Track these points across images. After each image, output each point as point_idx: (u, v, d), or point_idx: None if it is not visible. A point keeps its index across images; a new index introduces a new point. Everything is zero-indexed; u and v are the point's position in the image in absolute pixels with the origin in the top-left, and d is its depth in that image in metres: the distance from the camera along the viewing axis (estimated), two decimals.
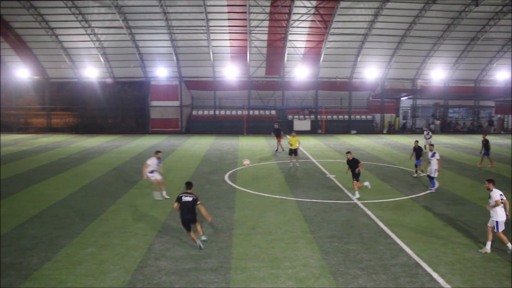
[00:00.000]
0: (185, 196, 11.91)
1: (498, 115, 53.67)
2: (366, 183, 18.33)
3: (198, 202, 11.91)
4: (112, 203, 16.73)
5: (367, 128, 49.10)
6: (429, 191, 18.78)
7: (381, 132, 49.22)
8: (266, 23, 42.03)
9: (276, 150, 32.06)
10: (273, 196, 17.99)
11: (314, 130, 48.12)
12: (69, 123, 48.67)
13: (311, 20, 41.79)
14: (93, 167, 25.06)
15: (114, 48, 44.77)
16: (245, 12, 40.30)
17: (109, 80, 47.15)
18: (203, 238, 12.15)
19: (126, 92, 47.68)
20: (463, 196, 18.13)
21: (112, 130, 47.44)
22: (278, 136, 31.97)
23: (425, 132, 33.01)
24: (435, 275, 10.23)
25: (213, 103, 48.92)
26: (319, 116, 49.07)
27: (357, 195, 17.75)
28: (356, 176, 17.80)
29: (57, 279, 9.97)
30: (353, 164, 17.90)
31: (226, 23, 41.82)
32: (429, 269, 10.53)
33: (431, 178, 19.04)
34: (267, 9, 40.17)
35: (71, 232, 13.19)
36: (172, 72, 46.78)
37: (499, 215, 11.60)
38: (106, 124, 48.06)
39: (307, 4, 39.51)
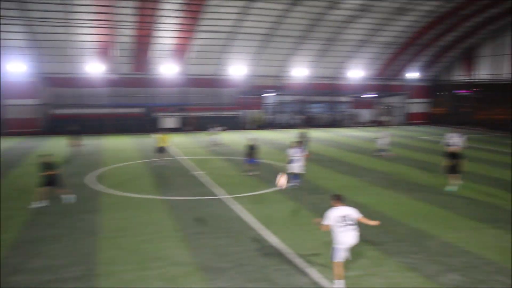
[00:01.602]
0: None
1: (354, 110, 58.36)
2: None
3: None
4: None
5: (235, 124, 50.15)
6: (292, 184, 19.53)
7: (248, 128, 50.59)
8: (133, 18, 40.69)
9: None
10: (140, 196, 17.54)
11: (182, 127, 47.90)
12: None
13: (179, 17, 41.42)
14: None
15: None
16: (111, 6, 38.57)
17: None
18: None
19: None
20: (323, 186, 19.40)
21: None
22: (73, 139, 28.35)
23: (212, 129, 33.77)
24: (299, 260, 10.80)
25: (77, 101, 46.09)
26: (187, 113, 48.92)
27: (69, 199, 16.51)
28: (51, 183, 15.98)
29: None
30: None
31: (91, 16, 39.60)
32: (293, 256, 11.11)
33: (296, 175, 18.94)
34: (135, 4, 38.87)
35: None
36: (31, 67, 43.04)
37: (338, 240, 9.31)
38: None
39: (175, 0, 39.07)
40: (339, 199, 9.68)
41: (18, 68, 41.89)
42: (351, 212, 9.46)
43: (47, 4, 37.20)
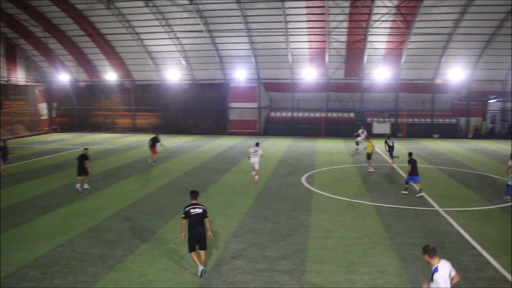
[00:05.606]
0: (193, 208, 10.38)
1: None
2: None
3: (207, 215, 10.48)
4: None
5: (450, 132, 46.83)
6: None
7: (465, 137, 46.75)
8: (346, 24, 41.36)
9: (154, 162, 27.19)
10: (350, 200, 17.68)
11: (394, 134, 46.69)
12: (152, 123, 50.83)
13: (392, 20, 40.56)
14: (174, 166, 25.99)
15: (195, 51, 46.17)
16: (324, 14, 39.94)
17: (189, 82, 48.67)
18: (201, 268, 10.30)
19: (206, 94, 49.07)
20: None
21: (192, 131, 48.93)
22: (153, 145, 26.98)
23: (360, 131, 34.62)
24: None
25: (291, 105, 49.02)
26: (399, 119, 47.57)
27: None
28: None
29: (138, 271, 10.46)
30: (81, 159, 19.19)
31: (305, 24, 41.68)
32: None
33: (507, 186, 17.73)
34: (347, 10, 39.54)
35: (153, 228, 13.77)
36: (251, 74, 47.43)
37: None
38: (187, 125, 49.66)
39: (388, 3, 38.42)
40: (436, 253, 7.27)
41: (241, 74, 46.47)
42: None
43: (266, 16, 40.46)
